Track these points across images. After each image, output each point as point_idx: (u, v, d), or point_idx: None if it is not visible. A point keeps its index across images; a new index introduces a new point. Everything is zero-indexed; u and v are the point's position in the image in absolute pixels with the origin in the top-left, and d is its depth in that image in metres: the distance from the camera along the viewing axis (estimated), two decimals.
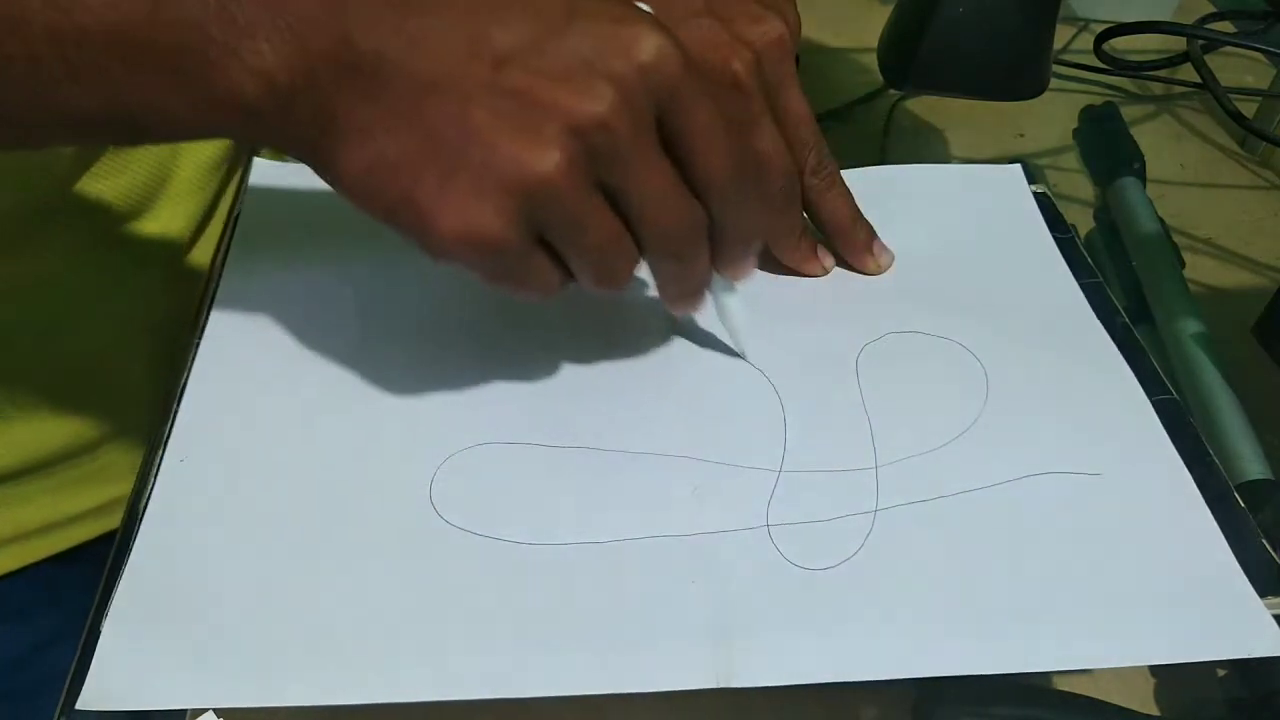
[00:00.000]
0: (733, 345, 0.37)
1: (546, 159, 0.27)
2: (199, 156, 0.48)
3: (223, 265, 0.40)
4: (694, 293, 0.33)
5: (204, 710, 0.27)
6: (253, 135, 0.29)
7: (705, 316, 0.38)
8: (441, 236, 0.28)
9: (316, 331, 0.37)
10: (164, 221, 0.47)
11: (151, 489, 0.32)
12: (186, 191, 0.48)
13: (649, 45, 0.27)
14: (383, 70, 0.27)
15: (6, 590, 0.47)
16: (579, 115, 0.27)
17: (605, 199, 0.29)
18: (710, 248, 0.32)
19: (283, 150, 0.30)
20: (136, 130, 0.29)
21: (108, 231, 0.45)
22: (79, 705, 0.27)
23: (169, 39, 0.26)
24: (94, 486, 0.48)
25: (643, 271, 0.40)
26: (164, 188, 0.47)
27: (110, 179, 0.44)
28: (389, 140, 0.27)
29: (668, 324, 0.38)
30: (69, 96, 0.27)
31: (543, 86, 0.27)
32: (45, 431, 0.46)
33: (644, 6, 0.29)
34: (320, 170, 0.29)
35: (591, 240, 0.29)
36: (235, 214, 0.43)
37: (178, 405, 0.34)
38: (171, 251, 0.48)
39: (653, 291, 0.40)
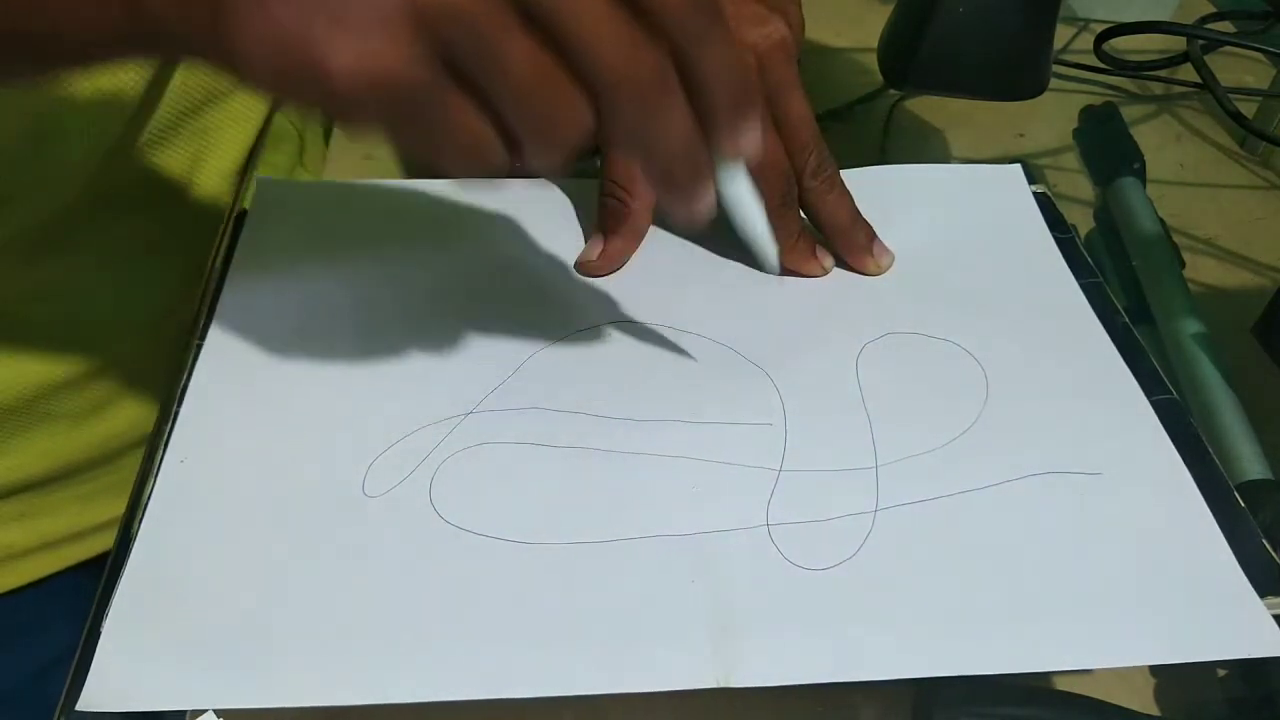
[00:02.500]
0: (760, 258, 0.33)
1: None
2: (221, 164, 0.48)
3: (224, 268, 0.40)
4: (687, 169, 0.27)
5: (204, 710, 0.27)
6: (145, 33, 0.26)
7: (702, 316, 0.39)
8: (336, 79, 0.24)
9: (316, 334, 0.37)
10: (186, 231, 0.47)
11: (152, 489, 0.32)
12: (208, 198, 0.48)
13: None
14: None
15: (29, 601, 0.47)
16: None
17: (532, 32, 0.24)
18: (694, 115, 0.27)
19: (180, 49, 0.27)
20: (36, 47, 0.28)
21: (132, 240, 0.45)
22: (79, 706, 0.27)
23: None
24: (118, 495, 0.48)
25: (642, 270, 0.41)
26: (188, 192, 0.47)
27: (134, 186, 0.44)
28: (279, 3, 0.24)
29: (667, 323, 0.38)
30: None
31: None
32: (72, 440, 0.46)
33: None
34: (223, 59, 0.25)
35: (514, 72, 0.24)
36: (232, 218, 0.43)
37: (178, 406, 0.35)
38: (194, 260, 0.48)
39: (655, 291, 0.40)
